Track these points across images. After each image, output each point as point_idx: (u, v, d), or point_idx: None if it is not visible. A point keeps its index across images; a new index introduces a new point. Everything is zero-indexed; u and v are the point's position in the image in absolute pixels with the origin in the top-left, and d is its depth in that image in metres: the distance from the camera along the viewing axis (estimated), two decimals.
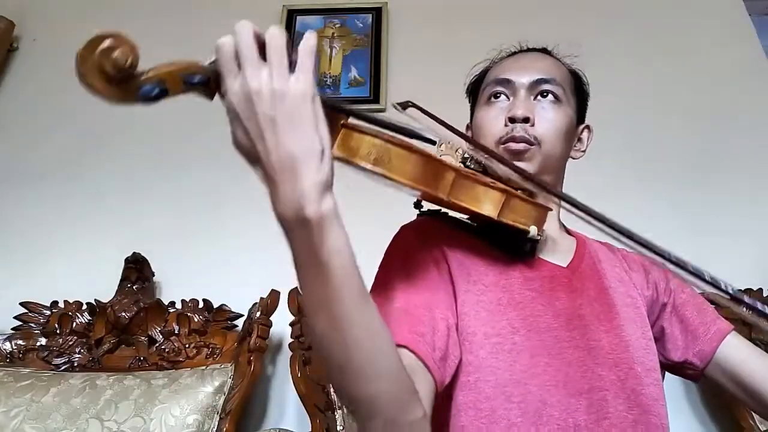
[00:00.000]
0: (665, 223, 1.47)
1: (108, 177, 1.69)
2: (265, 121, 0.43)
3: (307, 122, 0.44)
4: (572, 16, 1.82)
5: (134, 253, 1.43)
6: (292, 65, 0.44)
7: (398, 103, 0.72)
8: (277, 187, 0.44)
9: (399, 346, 0.54)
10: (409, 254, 0.68)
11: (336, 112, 0.50)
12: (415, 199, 0.71)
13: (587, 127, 0.84)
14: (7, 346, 1.34)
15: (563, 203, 0.61)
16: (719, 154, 1.61)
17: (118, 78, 0.42)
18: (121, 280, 1.42)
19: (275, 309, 1.31)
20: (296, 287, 1.28)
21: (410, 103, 0.72)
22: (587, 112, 0.86)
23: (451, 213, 0.72)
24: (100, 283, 1.42)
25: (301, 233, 0.44)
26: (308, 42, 0.46)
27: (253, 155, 0.45)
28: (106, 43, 0.41)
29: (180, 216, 1.61)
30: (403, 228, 0.73)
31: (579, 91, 0.83)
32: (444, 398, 0.63)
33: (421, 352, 0.56)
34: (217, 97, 0.48)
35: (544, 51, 0.83)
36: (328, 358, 0.48)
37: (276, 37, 0.44)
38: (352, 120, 0.53)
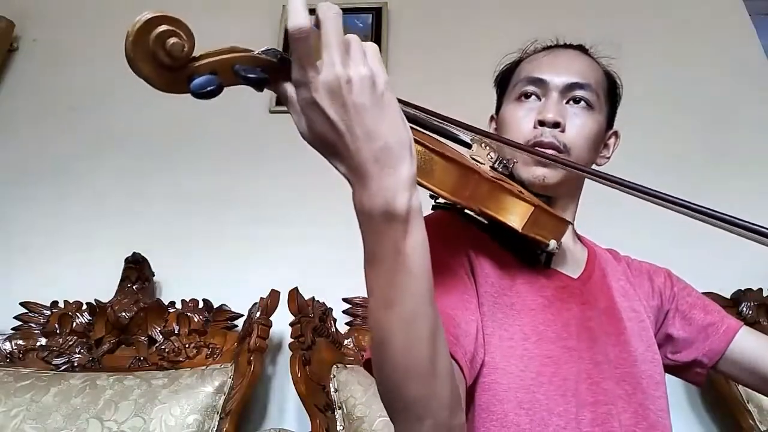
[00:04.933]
0: (665, 223, 1.46)
1: (108, 177, 1.69)
2: (355, 111, 0.40)
3: (396, 111, 0.42)
4: (571, 16, 1.82)
5: (134, 253, 1.43)
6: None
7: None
8: (365, 181, 0.42)
9: None
10: (434, 252, 0.67)
11: None
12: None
13: (615, 133, 0.82)
14: (7, 346, 1.34)
15: (599, 179, 0.59)
16: (719, 153, 1.61)
17: (170, 66, 0.39)
18: (121, 280, 1.42)
19: (275, 309, 1.31)
20: (296, 287, 1.28)
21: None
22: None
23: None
24: (100, 283, 1.42)
25: (386, 227, 0.42)
26: (373, 45, 0.43)
27: (336, 148, 0.42)
28: (163, 27, 0.38)
29: (180, 216, 1.61)
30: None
31: (612, 96, 0.80)
32: (467, 398, 0.63)
33: (457, 355, 0.56)
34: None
35: (580, 48, 0.80)
36: (388, 356, 0.47)
37: (350, 35, 0.42)
38: None
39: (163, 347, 1.34)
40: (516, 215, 0.60)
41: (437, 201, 0.72)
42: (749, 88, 1.68)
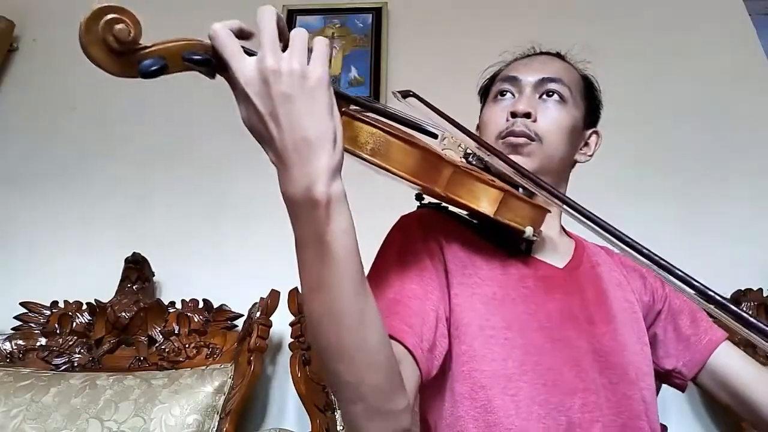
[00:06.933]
0: (665, 223, 1.47)
1: (108, 177, 1.69)
2: (280, 101, 0.43)
3: (323, 106, 0.45)
4: (570, 16, 1.82)
5: (134, 253, 1.43)
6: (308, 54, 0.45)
7: (399, 92, 0.72)
8: (287, 168, 0.44)
9: (389, 336, 0.54)
10: (405, 244, 0.68)
11: (338, 99, 0.50)
12: (416, 192, 0.71)
13: (596, 132, 0.84)
14: (7, 346, 1.34)
15: (558, 203, 0.61)
16: (718, 154, 1.61)
17: (119, 51, 0.43)
18: (121, 280, 1.41)
19: (275, 309, 1.31)
20: (296, 287, 1.28)
21: (411, 93, 0.72)
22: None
23: (452, 208, 0.72)
24: (100, 283, 1.42)
25: (309, 213, 0.45)
26: (323, 40, 0.47)
27: (263, 135, 0.45)
28: (110, 15, 0.42)
29: (180, 216, 1.61)
30: (402, 218, 0.73)
31: (589, 96, 0.82)
32: (438, 389, 0.63)
33: (409, 343, 0.56)
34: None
35: (557, 55, 0.83)
36: (319, 339, 0.49)
37: (299, 28, 0.46)
38: (353, 108, 0.53)
39: (163, 347, 1.34)
40: (486, 201, 0.60)
41: (422, 201, 0.73)
42: (749, 88, 1.68)
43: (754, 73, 1.71)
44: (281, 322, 1.31)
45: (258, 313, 1.29)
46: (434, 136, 0.62)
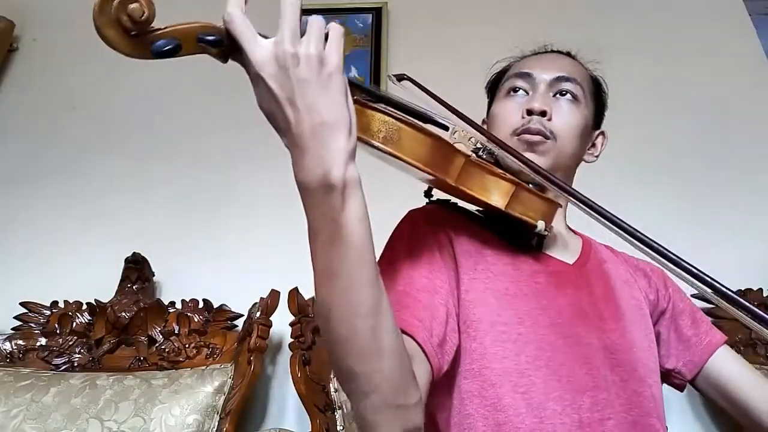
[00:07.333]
0: (666, 223, 1.46)
1: (108, 177, 1.69)
2: (297, 86, 0.43)
3: (340, 91, 0.45)
4: (571, 16, 1.82)
5: (134, 253, 1.43)
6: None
7: (393, 75, 0.72)
8: (303, 153, 0.44)
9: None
10: (414, 238, 0.67)
11: (351, 87, 0.49)
12: (426, 187, 0.71)
13: (602, 133, 0.85)
14: (7, 346, 1.34)
15: (571, 198, 0.60)
16: (719, 153, 1.61)
17: (132, 31, 0.43)
18: (121, 280, 1.41)
19: (275, 309, 1.30)
20: (297, 287, 1.28)
21: (405, 76, 0.72)
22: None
23: (461, 203, 0.72)
24: (100, 283, 1.42)
25: (324, 198, 0.44)
26: (338, 27, 0.47)
27: (279, 120, 0.45)
28: None
29: (180, 216, 1.61)
30: (411, 212, 0.73)
31: (597, 97, 0.83)
32: (446, 387, 0.63)
33: (419, 337, 0.56)
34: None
35: (568, 54, 0.83)
36: (330, 329, 0.48)
37: (316, 15, 0.47)
38: (364, 97, 0.53)
39: (163, 347, 1.34)
40: (497, 194, 0.60)
41: (431, 198, 0.73)
42: (749, 88, 1.68)
43: (754, 73, 1.71)
44: (281, 322, 1.30)
45: (258, 313, 1.29)
46: (445, 128, 0.62)
